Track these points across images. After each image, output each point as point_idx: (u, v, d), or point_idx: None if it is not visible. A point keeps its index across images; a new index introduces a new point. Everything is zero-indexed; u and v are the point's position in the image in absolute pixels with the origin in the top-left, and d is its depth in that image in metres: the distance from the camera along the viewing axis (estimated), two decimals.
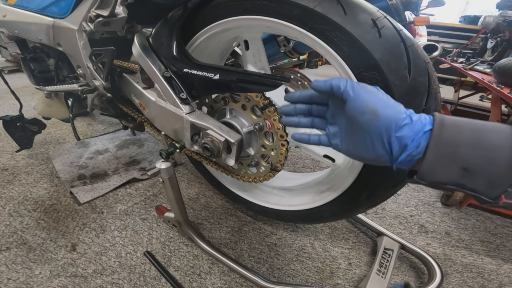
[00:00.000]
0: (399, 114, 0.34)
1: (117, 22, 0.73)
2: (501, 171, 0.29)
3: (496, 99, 1.49)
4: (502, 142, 0.29)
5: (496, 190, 0.29)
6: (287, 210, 0.85)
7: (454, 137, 0.30)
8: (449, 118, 0.32)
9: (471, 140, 0.30)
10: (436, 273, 0.82)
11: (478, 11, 4.59)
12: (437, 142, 0.31)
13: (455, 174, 0.31)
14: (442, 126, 0.32)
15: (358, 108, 0.37)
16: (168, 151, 0.73)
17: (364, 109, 0.36)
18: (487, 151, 0.29)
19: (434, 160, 0.31)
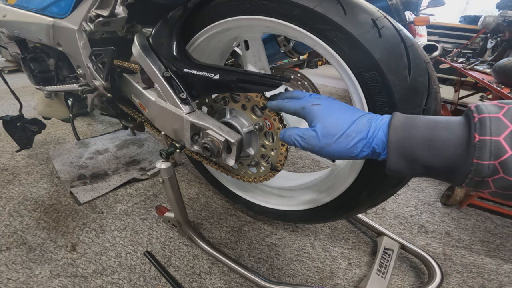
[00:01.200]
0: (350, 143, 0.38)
1: (117, 22, 0.73)
2: (456, 166, 0.31)
3: (496, 99, 1.49)
4: (450, 138, 0.31)
5: (457, 180, 0.32)
6: (287, 210, 0.85)
7: (409, 141, 0.33)
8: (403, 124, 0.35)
9: (425, 140, 0.32)
10: (436, 273, 0.82)
11: (478, 11, 4.59)
12: (394, 148, 0.34)
13: (418, 170, 0.34)
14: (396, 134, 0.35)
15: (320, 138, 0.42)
16: (168, 151, 0.73)
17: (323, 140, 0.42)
18: (440, 150, 0.31)
19: (396, 162, 0.35)
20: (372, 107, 0.54)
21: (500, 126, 0.28)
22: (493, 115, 0.28)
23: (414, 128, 0.34)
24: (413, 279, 0.87)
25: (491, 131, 0.28)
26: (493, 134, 0.28)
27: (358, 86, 0.54)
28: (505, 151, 0.27)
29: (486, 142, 0.28)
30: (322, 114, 0.42)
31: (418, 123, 0.34)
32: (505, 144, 0.27)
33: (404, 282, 0.86)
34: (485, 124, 0.28)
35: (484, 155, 0.28)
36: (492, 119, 0.28)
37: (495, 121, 0.28)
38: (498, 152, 0.27)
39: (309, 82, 0.91)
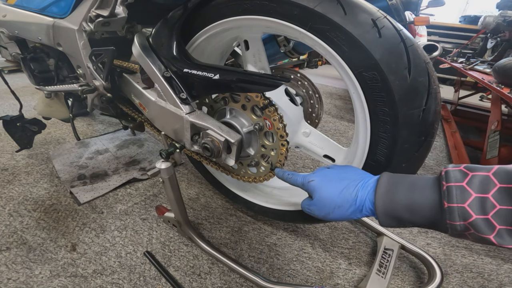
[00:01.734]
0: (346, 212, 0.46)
1: (117, 22, 0.73)
2: (434, 223, 0.37)
3: (496, 99, 1.49)
4: (426, 203, 0.37)
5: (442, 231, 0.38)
6: (287, 210, 0.85)
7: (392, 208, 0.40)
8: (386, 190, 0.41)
9: (406, 206, 0.39)
10: (436, 273, 0.82)
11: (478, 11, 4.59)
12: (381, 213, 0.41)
13: (406, 224, 0.41)
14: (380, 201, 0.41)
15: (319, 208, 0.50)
16: (168, 151, 0.73)
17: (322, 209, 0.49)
18: (419, 212, 0.38)
19: (385, 222, 0.42)
20: (372, 107, 0.54)
21: (464, 194, 0.33)
22: (458, 184, 0.34)
23: (396, 194, 0.40)
24: (413, 279, 0.87)
25: (456, 199, 0.33)
26: (459, 202, 0.33)
27: (358, 86, 0.54)
28: (470, 215, 0.32)
29: (454, 208, 0.33)
30: (317, 190, 0.50)
31: (399, 189, 0.40)
32: (469, 210, 0.32)
33: (404, 282, 0.86)
34: (451, 193, 0.34)
35: (454, 218, 0.34)
36: (457, 188, 0.34)
37: (460, 190, 0.33)
38: (465, 216, 0.33)
39: (309, 82, 0.91)
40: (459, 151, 1.70)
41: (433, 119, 0.51)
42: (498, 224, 0.32)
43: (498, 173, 0.33)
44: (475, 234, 0.33)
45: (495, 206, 0.32)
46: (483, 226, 0.32)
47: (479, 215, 0.32)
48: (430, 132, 0.52)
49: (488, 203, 0.32)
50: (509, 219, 0.31)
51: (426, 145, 0.54)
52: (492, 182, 0.32)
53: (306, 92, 0.91)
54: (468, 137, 2.07)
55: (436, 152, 1.78)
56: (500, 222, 0.31)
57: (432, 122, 0.51)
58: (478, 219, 0.32)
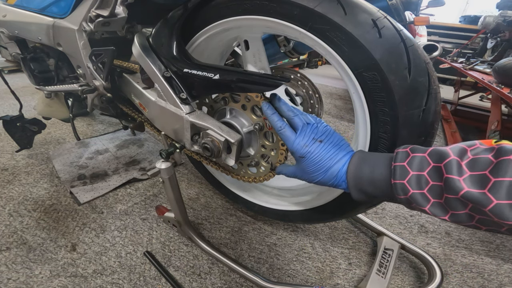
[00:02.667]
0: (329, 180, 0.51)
1: (117, 22, 0.73)
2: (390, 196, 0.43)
3: (496, 99, 1.49)
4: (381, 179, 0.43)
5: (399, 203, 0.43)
6: (287, 210, 0.85)
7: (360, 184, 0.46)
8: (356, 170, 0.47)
9: (368, 180, 0.45)
10: (436, 273, 0.82)
11: (478, 11, 4.59)
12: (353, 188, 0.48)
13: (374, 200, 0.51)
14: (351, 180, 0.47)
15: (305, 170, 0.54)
16: (168, 151, 0.73)
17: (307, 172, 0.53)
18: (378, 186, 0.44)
19: (357, 195, 0.48)
20: (372, 107, 0.54)
21: (404, 172, 0.39)
22: (401, 164, 0.39)
23: (362, 171, 0.46)
24: (413, 279, 0.87)
25: (399, 176, 0.39)
26: (401, 179, 0.39)
27: (358, 86, 0.54)
28: (408, 190, 0.38)
29: (397, 184, 0.39)
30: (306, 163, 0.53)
31: (364, 166, 0.46)
32: (408, 186, 0.38)
33: (404, 282, 0.86)
34: (396, 171, 0.40)
35: (399, 193, 0.39)
36: (400, 167, 0.39)
37: (401, 169, 0.39)
38: (405, 191, 0.39)
39: (309, 82, 0.91)
40: None
41: (433, 119, 0.51)
42: (432, 197, 0.37)
43: (432, 153, 0.37)
44: (417, 207, 0.39)
45: (429, 182, 0.37)
46: (420, 199, 0.37)
47: (416, 190, 0.37)
48: (430, 132, 0.52)
49: (423, 180, 0.37)
50: (438, 193, 0.36)
51: (426, 145, 0.54)
52: (426, 162, 0.37)
53: (306, 92, 0.91)
54: (468, 137, 2.07)
55: None
56: (433, 196, 0.36)
57: (432, 122, 0.51)
58: (416, 193, 0.37)
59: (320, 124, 0.54)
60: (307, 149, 0.51)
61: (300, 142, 0.52)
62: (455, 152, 0.35)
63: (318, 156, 0.50)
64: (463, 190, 0.32)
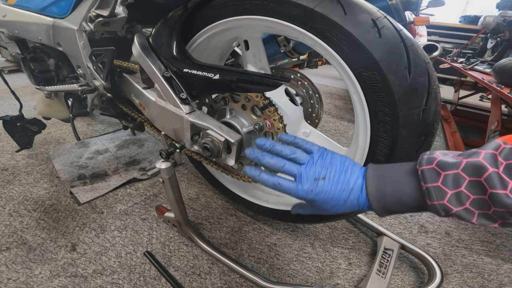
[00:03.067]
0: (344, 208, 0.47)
1: (117, 22, 0.73)
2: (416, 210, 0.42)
3: (496, 99, 1.49)
4: (414, 203, 0.41)
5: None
6: (287, 210, 0.85)
7: (384, 204, 0.44)
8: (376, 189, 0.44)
9: (395, 201, 0.43)
10: (436, 273, 0.82)
11: (478, 11, 4.59)
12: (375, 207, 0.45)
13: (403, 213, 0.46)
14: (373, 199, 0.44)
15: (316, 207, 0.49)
16: (168, 151, 0.73)
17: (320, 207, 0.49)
18: (407, 207, 0.42)
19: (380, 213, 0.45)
20: (372, 107, 0.54)
21: (442, 193, 0.38)
22: (435, 185, 0.38)
23: (385, 193, 0.43)
24: (413, 279, 0.87)
25: (436, 198, 0.38)
26: (439, 199, 0.38)
27: (358, 86, 0.54)
28: (451, 209, 0.37)
29: (436, 205, 0.38)
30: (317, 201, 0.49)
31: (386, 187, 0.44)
32: (449, 205, 0.37)
33: (404, 282, 0.86)
34: (431, 193, 0.38)
35: (438, 212, 0.38)
36: (434, 188, 0.38)
37: (437, 190, 0.38)
38: (447, 210, 0.38)
39: (309, 82, 0.91)
40: None
41: (433, 119, 0.51)
42: (476, 210, 0.36)
43: (466, 168, 0.37)
44: (460, 219, 0.38)
45: (470, 197, 0.36)
46: (465, 214, 0.37)
47: (458, 207, 0.37)
48: (430, 132, 0.52)
49: (463, 195, 0.37)
50: (482, 205, 0.36)
51: (426, 145, 0.54)
52: (462, 177, 0.37)
53: (306, 92, 0.91)
54: (468, 137, 2.07)
55: None
56: (477, 208, 0.36)
57: (432, 122, 0.51)
58: (459, 210, 0.37)
59: (316, 156, 0.49)
60: (314, 193, 0.47)
61: (303, 190, 0.47)
62: (489, 161, 0.34)
63: (328, 195, 0.46)
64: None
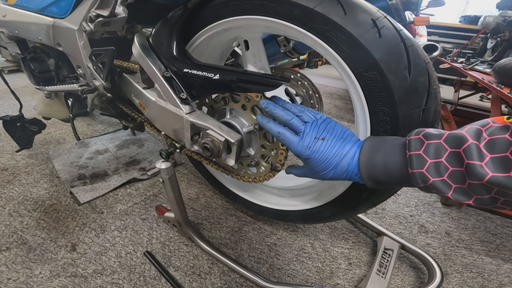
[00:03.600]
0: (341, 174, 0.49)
1: (117, 22, 0.73)
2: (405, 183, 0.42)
3: (496, 99, 1.49)
4: (396, 168, 0.42)
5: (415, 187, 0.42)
6: (287, 210, 0.85)
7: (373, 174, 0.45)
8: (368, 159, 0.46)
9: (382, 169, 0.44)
10: (436, 273, 0.82)
11: (478, 11, 4.59)
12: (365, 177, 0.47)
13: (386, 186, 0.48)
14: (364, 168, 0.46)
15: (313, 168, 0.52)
16: (168, 151, 0.73)
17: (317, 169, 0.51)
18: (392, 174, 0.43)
19: (371, 184, 0.47)
20: (372, 107, 0.54)
21: (421, 161, 0.38)
22: (417, 152, 0.38)
23: (374, 161, 0.45)
24: (413, 279, 0.87)
25: (416, 166, 0.38)
26: (418, 168, 0.38)
27: (358, 86, 0.54)
28: (428, 178, 0.37)
29: (416, 173, 0.38)
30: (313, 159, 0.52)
31: (376, 156, 0.45)
32: (427, 174, 0.37)
33: (404, 282, 0.86)
34: (412, 161, 0.39)
35: (417, 181, 0.39)
36: (416, 156, 0.38)
37: (418, 157, 0.38)
38: (424, 179, 0.38)
39: (309, 82, 0.91)
40: None
41: (433, 119, 0.51)
42: (453, 183, 0.36)
43: (448, 139, 0.37)
44: (437, 192, 0.38)
45: (448, 168, 0.36)
46: (441, 186, 0.37)
47: (436, 177, 0.37)
48: None
49: (442, 166, 0.36)
50: (460, 178, 0.35)
51: None
52: (443, 148, 0.36)
53: (306, 92, 0.91)
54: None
55: None
56: (454, 182, 0.36)
57: (432, 122, 0.51)
58: (436, 181, 0.37)
59: (320, 120, 0.52)
60: (311, 150, 0.50)
61: (302, 145, 0.51)
62: (472, 135, 0.34)
63: (323, 155, 0.49)
64: (488, 175, 0.32)
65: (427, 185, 0.38)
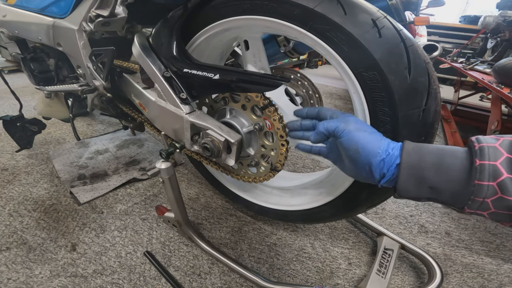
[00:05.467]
0: (377, 150, 0.43)
1: (117, 22, 0.73)
2: (459, 188, 0.36)
3: (496, 99, 1.49)
4: (457, 164, 0.36)
5: (460, 203, 0.37)
6: (287, 210, 0.85)
7: (419, 163, 0.39)
8: (414, 148, 0.40)
9: (433, 164, 0.38)
10: (436, 273, 0.82)
11: (478, 11, 4.59)
12: (405, 168, 0.40)
13: (424, 192, 0.39)
14: (408, 155, 0.40)
15: (345, 146, 0.47)
16: (168, 151, 0.73)
17: (349, 147, 0.46)
18: (446, 173, 0.37)
19: (406, 182, 0.40)
20: (372, 107, 0.54)
21: (496, 153, 0.33)
22: (491, 145, 0.34)
23: (424, 153, 0.39)
24: (413, 279, 0.87)
25: (489, 157, 0.33)
26: (491, 159, 0.33)
27: (358, 86, 0.54)
28: (501, 173, 0.32)
29: (485, 165, 0.33)
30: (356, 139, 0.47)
31: (427, 149, 0.39)
32: (501, 168, 0.32)
33: (404, 282, 0.86)
34: (484, 151, 0.34)
35: (484, 177, 0.33)
36: (490, 147, 0.34)
37: (493, 149, 0.34)
38: (496, 174, 0.32)
39: (309, 82, 0.91)
40: None
41: (433, 119, 0.51)
42: None
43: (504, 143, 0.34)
44: (502, 199, 0.32)
45: None
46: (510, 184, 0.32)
47: (510, 174, 0.32)
48: (430, 132, 0.52)
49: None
50: None
51: None
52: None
53: (306, 92, 0.91)
54: (468, 137, 2.05)
55: None
56: None
57: (432, 122, 0.51)
58: (508, 178, 0.32)
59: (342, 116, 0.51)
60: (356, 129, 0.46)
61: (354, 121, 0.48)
62: None
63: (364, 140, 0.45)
64: None
65: (494, 184, 0.33)
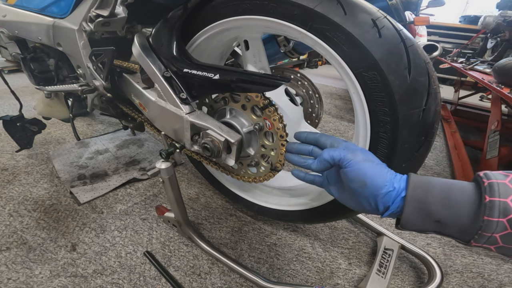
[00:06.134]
0: (384, 183, 0.42)
1: (117, 22, 0.73)
2: (467, 223, 0.36)
3: (496, 99, 1.49)
4: (465, 199, 0.36)
5: (466, 236, 0.36)
6: (287, 210, 0.85)
7: (426, 197, 0.38)
8: (420, 181, 0.40)
9: (440, 199, 0.37)
10: (436, 273, 0.82)
11: (478, 11, 4.59)
12: (411, 202, 0.39)
13: (430, 225, 0.39)
14: (415, 189, 0.39)
15: (351, 177, 0.44)
16: (168, 151, 0.73)
17: (355, 178, 0.44)
18: (453, 208, 0.36)
19: (411, 215, 0.39)
20: (372, 107, 0.54)
21: (507, 191, 0.33)
22: (501, 181, 0.34)
23: (431, 187, 0.38)
24: (413, 279, 0.87)
25: (499, 194, 0.33)
26: (501, 196, 0.33)
27: (358, 86, 0.54)
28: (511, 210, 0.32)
29: (495, 202, 0.33)
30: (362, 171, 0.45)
31: (434, 183, 0.39)
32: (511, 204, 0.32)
33: (404, 282, 0.86)
34: (493, 188, 0.33)
35: (494, 213, 0.33)
36: (500, 184, 0.34)
37: (503, 186, 0.33)
38: (506, 212, 0.32)
39: (309, 82, 0.91)
40: (459, 151, 1.70)
41: (433, 119, 0.51)
42: None
43: None
44: (508, 235, 0.32)
45: None
46: None
47: None
48: (430, 132, 0.52)
49: None
50: None
51: (426, 145, 0.54)
52: None
53: (306, 92, 0.91)
54: (468, 137, 2.07)
55: (436, 152, 1.78)
56: None
57: (432, 122, 0.51)
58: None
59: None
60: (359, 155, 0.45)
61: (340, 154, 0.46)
62: None
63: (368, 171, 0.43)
64: None
65: (504, 220, 0.32)
